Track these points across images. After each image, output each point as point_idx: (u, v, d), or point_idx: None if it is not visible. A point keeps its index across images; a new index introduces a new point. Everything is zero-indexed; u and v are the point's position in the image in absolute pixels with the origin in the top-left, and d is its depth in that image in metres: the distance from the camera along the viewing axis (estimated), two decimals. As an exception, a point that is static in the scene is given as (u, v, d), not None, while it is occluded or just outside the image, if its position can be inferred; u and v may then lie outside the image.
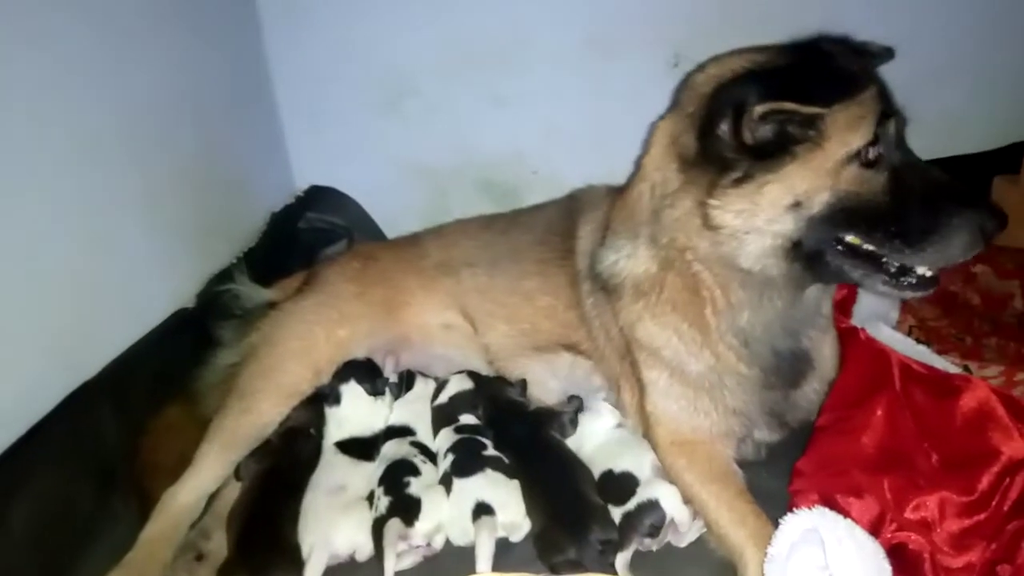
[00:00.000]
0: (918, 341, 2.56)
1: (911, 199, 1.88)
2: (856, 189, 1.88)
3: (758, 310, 2.10)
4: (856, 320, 2.52)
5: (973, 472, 1.95)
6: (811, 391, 2.30)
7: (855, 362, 2.29)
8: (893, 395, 2.13)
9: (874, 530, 1.83)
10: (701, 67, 2.12)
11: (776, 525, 1.77)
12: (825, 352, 2.33)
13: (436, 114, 4.00)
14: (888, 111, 1.91)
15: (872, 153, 1.87)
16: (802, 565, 1.67)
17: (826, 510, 1.76)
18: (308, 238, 3.83)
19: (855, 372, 2.26)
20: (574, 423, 2.39)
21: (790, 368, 2.22)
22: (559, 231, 2.71)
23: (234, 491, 2.31)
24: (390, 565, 1.99)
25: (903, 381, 2.17)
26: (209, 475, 2.34)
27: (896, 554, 1.77)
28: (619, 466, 2.20)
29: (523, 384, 2.60)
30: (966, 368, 2.40)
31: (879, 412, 2.08)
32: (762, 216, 1.90)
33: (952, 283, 3.01)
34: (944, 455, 2.03)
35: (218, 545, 2.18)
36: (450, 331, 2.84)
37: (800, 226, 1.90)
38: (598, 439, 2.36)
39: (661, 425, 2.24)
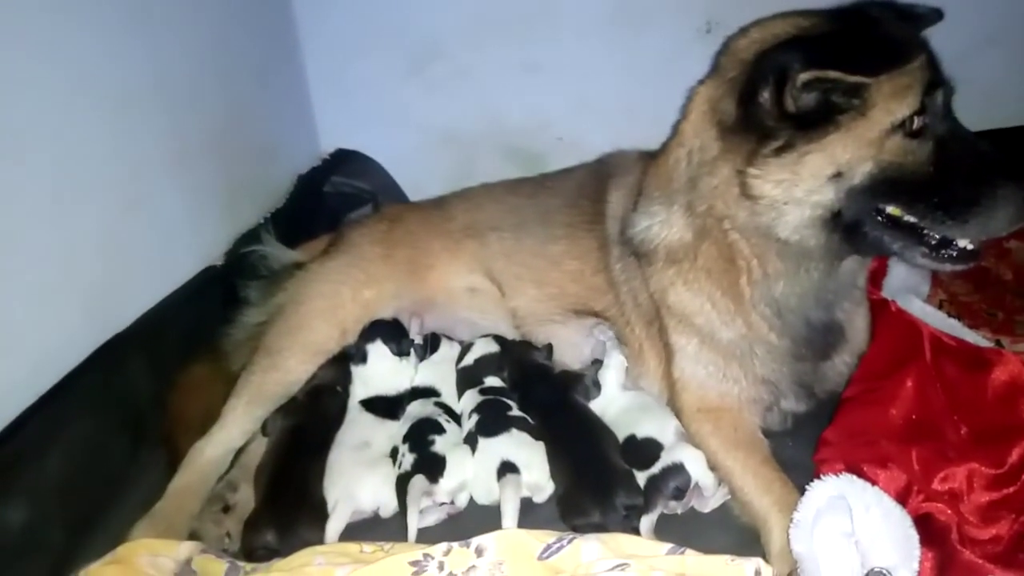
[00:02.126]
0: (948, 315, 2.53)
1: (955, 170, 1.83)
2: (900, 160, 1.83)
3: (794, 281, 2.07)
4: (886, 292, 2.49)
5: (1003, 445, 1.94)
6: (841, 363, 2.28)
7: (885, 334, 2.27)
8: (923, 367, 2.11)
9: (901, 501, 1.81)
10: (743, 31, 2.07)
11: (801, 493, 1.77)
12: (858, 324, 2.31)
13: (462, 80, 3.98)
14: (936, 80, 1.86)
15: (917, 123, 1.82)
16: (828, 532, 1.66)
17: (854, 477, 1.75)
18: (333, 202, 3.83)
19: (885, 343, 2.24)
20: (597, 385, 2.39)
21: (822, 340, 2.20)
22: (588, 195, 2.69)
23: (260, 446, 2.34)
24: (413, 521, 2.00)
25: (934, 353, 2.16)
26: (236, 430, 2.37)
27: (923, 524, 1.75)
28: (642, 431, 2.20)
29: (549, 348, 2.59)
30: (998, 343, 2.37)
31: (909, 383, 2.07)
32: (802, 187, 1.86)
33: (984, 258, 2.95)
34: (974, 428, 2.02)
35: (245, 497, 2.21)
36: (475, 295, 2.83)
37: (840, 196, 1.86)
38: (620, 403, 2.35)
39: (688, 391, 2.24)
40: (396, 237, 2.85)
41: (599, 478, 2.05)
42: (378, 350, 2.52)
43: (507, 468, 2.11)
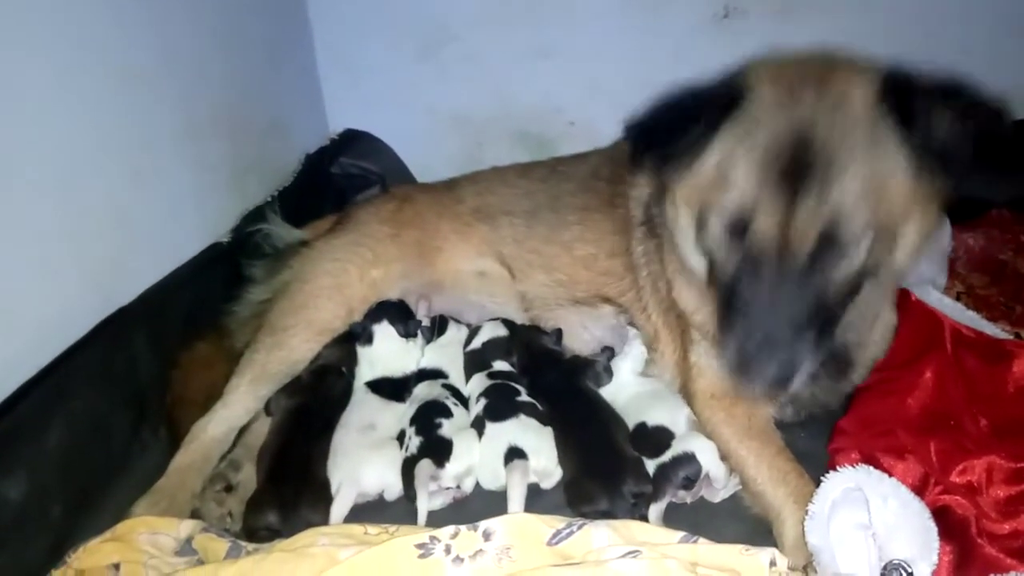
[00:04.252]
0: (966, 308, 2.49)
1: (740, 295, 1.72)
2: (713, 244, 1.80)
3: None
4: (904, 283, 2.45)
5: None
6: (857, 377, 2.20)
7: (904, 324, 2.22)
8: (943, 357, 2.07)
9: (917, 492, 1.77)
10: None
11: (816, 485, 1.73)
12: (874, 337, 2.21)
13: (474, 62, 3.93)
14: (750, 219, 1.68)
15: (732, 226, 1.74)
16: (844, 524, 1.62)
17: (870, 468, 1.71)
18: (341, 183, 3.79)
19: (904, 334, 2.20)
20: (608, 372, 2.35)
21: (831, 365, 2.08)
22: (605, 177, 2.65)
23: (264, 425, 2.30)
24: (423, 505, 1.97)
25: (954, 345, 2.12)
26: (239, 408, 2.34)
27: (940, 517, 1.71)
28: (653, 419, 2.16)
29: (558, 333, 2.56)
30: (1017, 336, 2.33)
31: (928, 374, 2.03)
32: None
33: (1001, 252, 2.93)
34: (994, 420, 1.98)
35: (247, 477, 2.17)
36: (484, 278, 2.80)
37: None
38: (632, 390, 2.32)
39: (704, 377, 2.18)
40: (405, 217, 2.81)
41: (607, 465, 2.02)
42: (384, 331, 2.48)
43: (515, 454, 2.07)
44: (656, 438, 2.11)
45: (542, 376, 2.36)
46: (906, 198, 1.65)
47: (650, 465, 2.05)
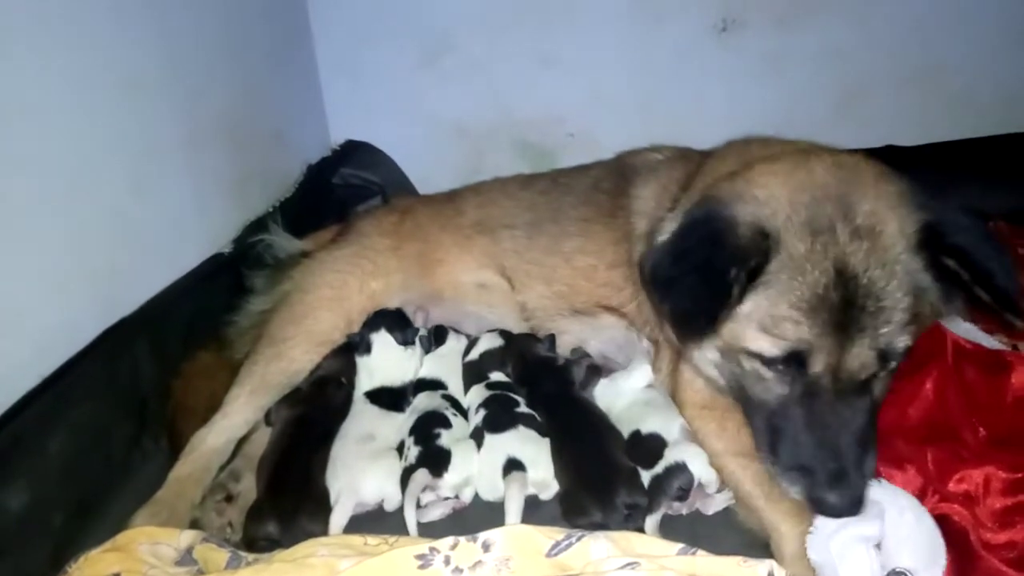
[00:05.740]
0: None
1: (794, 419, 1.79)
2: (753, 369, 1.85)
3: None
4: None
5: (1022, 449, 1.90)
6: None
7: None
8: (944, 368, 2.08)
9: (917, 502, 1.79)
10: None
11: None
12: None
13: (475, 72, 3.97)
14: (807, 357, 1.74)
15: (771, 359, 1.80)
16: (846, 537, 1.63)
17: (885, 482, 1.74)
18: (342, 193, 3.82)
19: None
20: (595, 372, 2.39)
21: None
22: (607, 190, 2.66)
23: (264, 436, 2.31)
24: (410, 513, 1.98)
25: (954, 356, 2.12)
26: (239, 418, 2.34)
27: (938, 525, 1.71)
28: (647, 427, 2.16)
29: (551, 339, 2.56)
30: (1015, 348, 2.33)
31: (928, 385, 2.03)
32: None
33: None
34: (993, 431, 1.99)
35: (247, 488, 2.18)
36: (484, 290, 2.81)
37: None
38: (628, 399, 2.32)
39: (693, 389, 2.19)
40: (406, 230, 2.83)
41: (601, 476, 2.02)
42: (382, 339, 2.49)
43: (513, 465, 2.08)
44: (650, 446, 2.11)
45: (539, 386, 2.37)
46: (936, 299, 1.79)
47: (645, 477, 2.05)
